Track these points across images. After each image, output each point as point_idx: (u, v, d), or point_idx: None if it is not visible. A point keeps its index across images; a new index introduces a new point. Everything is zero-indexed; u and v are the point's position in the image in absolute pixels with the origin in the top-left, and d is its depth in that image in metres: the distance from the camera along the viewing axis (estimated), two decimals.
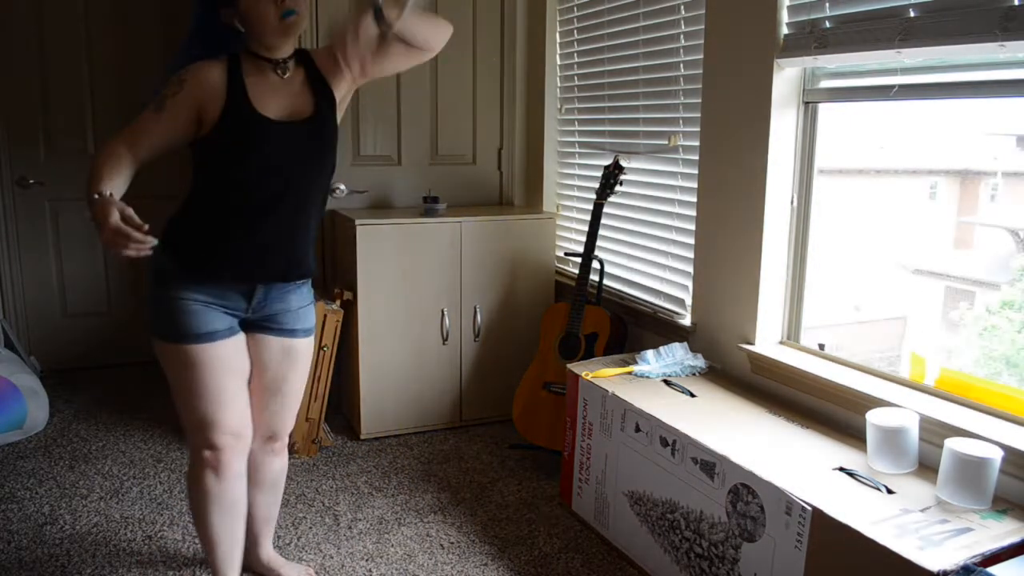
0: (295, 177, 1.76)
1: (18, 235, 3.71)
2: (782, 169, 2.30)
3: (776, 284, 2.37)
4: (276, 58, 1.74)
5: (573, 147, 3.43)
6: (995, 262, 5.72)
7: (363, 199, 3.45)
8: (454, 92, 3.56)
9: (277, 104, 1.73)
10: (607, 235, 3.14)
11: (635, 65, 2.95)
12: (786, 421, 2.12)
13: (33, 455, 2.95)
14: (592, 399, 2.40)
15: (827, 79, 2.23)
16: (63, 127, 3.71)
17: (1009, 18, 1.63)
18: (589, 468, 2.45)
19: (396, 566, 2.26)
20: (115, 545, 2.34)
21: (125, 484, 2.73)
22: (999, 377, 4.64)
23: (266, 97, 1.71)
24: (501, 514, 2.57)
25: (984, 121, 5.60)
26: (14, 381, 3.08)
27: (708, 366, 2.51)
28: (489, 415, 3.33)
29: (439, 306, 3.17)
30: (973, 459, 1.63)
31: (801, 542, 1.67)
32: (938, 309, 5.96)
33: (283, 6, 1.65)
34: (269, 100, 1.72)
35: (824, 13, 2.09)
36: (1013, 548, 1.51)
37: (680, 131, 2.73)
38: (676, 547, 2.07)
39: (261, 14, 1.66)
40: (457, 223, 3.15)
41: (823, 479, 1.78)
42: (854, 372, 2.16)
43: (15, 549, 2.30)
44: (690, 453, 2.00)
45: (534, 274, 3.30)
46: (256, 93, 1.70)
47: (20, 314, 3.77)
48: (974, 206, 6.50)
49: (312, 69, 1.80)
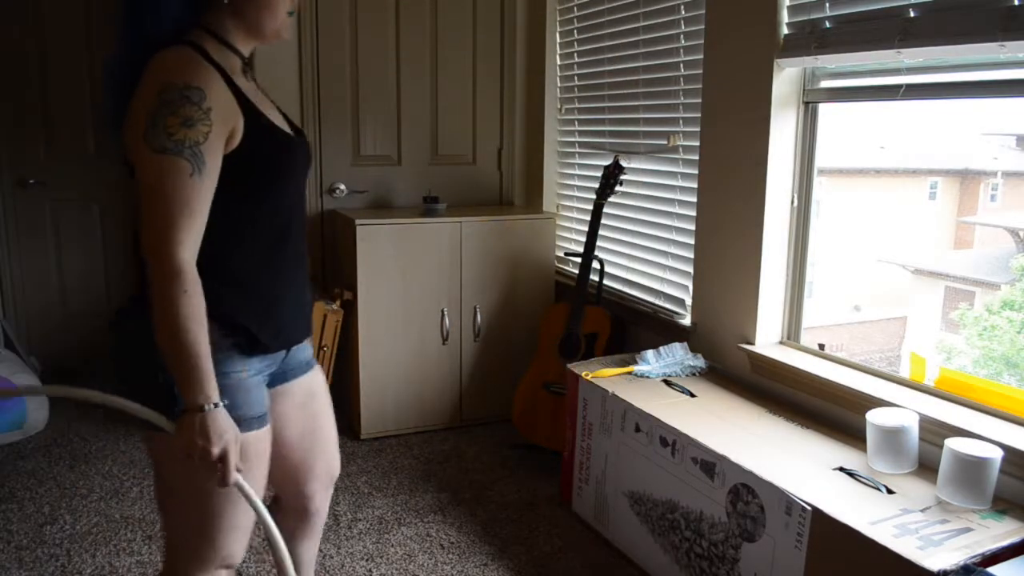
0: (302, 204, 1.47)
1: (18, 235, 3.71)
2: (782, 169, 2.30)
3: (776, 284, 2.37)
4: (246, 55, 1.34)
5: (573, 147, 3.43)
6: (995, 262, 5.72)
7: (363, 199, 3.45)
8: (454, 92, 3.56)
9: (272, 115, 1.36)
10: (607, 235, 3.14)
11: (635, 65, 2.95)
12: (786, 421, 2.12)
13: (33, 455, 2.95)
14: (592, 399, 2.40)
15: (827, 79, 2.23)
16: (63, 127, 3.70)
17: (1009, 18, 1.63)
18: (589, 468, 2.45)
19: (396, 566, 2.26)
20: (115, 545, 2.34)
21: (125, 484, 2.73)
22: (999, 377, 4.64)
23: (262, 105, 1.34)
24: (501, 514, 2.57)
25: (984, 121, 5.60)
26: (14, 381, 3.08)
27: (708, 366, 2.51)
28: (489, 415, 3.33)
29: (439, 306, 3.17)
30: (973, 459, 1.63)
31: (801, 542, 1.67)
32: (938, 309, 5.96)
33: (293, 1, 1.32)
34: (267, 109, 1.35)
35: (824, 13, 2.09)
36: (1013, 548, 1.51)
37: (680, 131, 2.73)
38: (676, 547, 2.07)
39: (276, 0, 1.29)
40: (457, 223, 3.15)
41: (823, 479, 1.78)
42: (854, 372, 2.16)
43: (15, 549, 2.30)
44: (690, 453, 2.00)
45: (534, 274, 3.30)
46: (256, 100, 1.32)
47: (20, 314, 3.77)
48: (974, 206, 6.51)
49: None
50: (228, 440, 1.19)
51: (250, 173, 1.28)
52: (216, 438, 1.17)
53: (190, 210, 1.17)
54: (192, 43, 1.23)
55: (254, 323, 1.32)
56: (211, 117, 1.18)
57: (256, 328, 1.32)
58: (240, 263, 1.32)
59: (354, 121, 3.40)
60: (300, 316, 1.46)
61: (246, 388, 1.32)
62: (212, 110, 1.18)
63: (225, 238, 1.28)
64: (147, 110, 1.16)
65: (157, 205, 1.16)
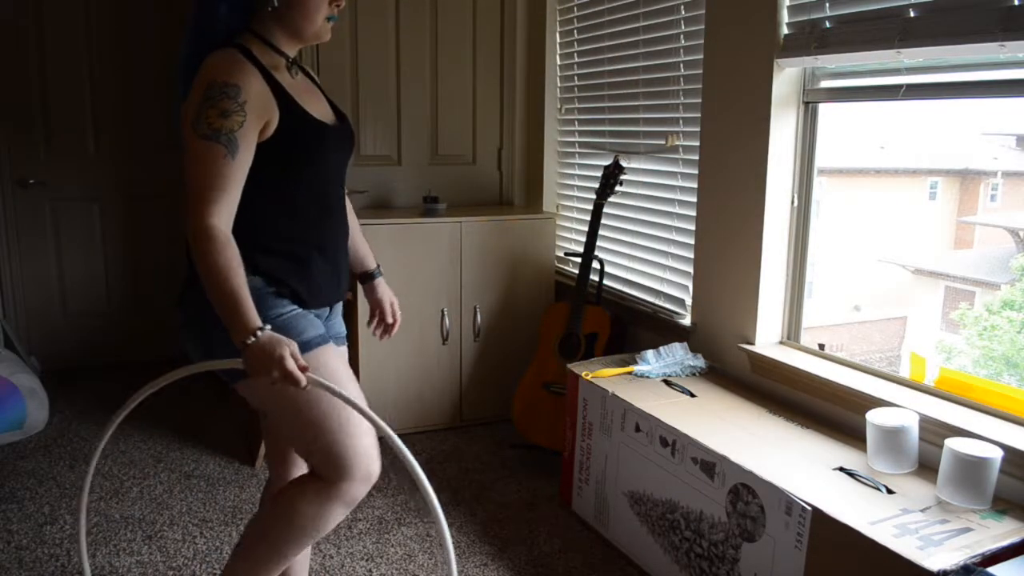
0: (341, 186, 1.65)
1: (18, 235, 3.71)
2: (782, 169, 2.30)
3: (776, 284, 2.37)
4: (291, 56, 1.54)
5: (573, 147, 3.43)
6: (995, 262, 5.72)
7: (363, 199, 3.45)
8: (454, 92, 3.56)
9: (313, 106, 1.54)
10: (607, 235, 3.14)
11: (635, 65, 2.95)
12: (786, 421, 2.12)
13: (33, 455, 2.95)
14: (592, 399, 2.40)
15: (827, 79, 2.23)
16: (63, 127, 3.71)
17: (1009, 18, 1.63)
18: (589, 468, 2.45)
19: (396, 566, 2.26)
20: (115, 545, 2.34)
21: (125, 484, 2.73)
22: (999, 377, 4.64)
23: (301, 98, 1.52)
24: (501, 514, 2.57)
25: (984, 121, 5.60)
26: (14, 381, 3.08)
27: (708, 366, 2.51)
28: (489, 415, 3.33)
29: (439, 306, 3.17)
30: (973, 459, 1.63)
31: (801, 542, 1.67)
32: (938, 309, 5.96)
33: (334, 8, 1.48)
34: (306, 101, 1.52)
35: (824, 13, 2.09)
36: (1013, 548, 1.51)
37: (679, 131, 2.73)
38: (676, 547, 2.07)
39: (316, 4, 1.46)
40: (457, 223, 3.15)
41: (823, 479, 1.78)
42: (854, 372, 2.16)
43: (15, 549, 2.30)
44: (690, 453, 2.00)
45: (534, 274, 3.30)
46: (295, 93, 1.50)
47: (20, 314, 3.77)
48: (974, 206, 6.50)
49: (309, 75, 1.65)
50: (283, 352, 1.31)
51: (287, 155, 1.47)
52: (273, 354, 1.31)
53: (223, 186, 1.36)
54: (240, 45, 1.44)
55: (294, 280, 1.52)
56: (245, 109, 1.38)
57: (296, 284, 1.52)
58: (282, 230, 1.52)
59: (354, 121, 3.40)
60: (337, 280, 1.64)
61: (302, 316, 1.52)
62: (247, 103, 1.38)
63: (268, 209, 1.50)
64: (195, 103, 1.37)
65: (196, 181, 1.36)
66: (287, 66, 1.53)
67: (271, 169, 1.46)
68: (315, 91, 1.62)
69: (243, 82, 1.38)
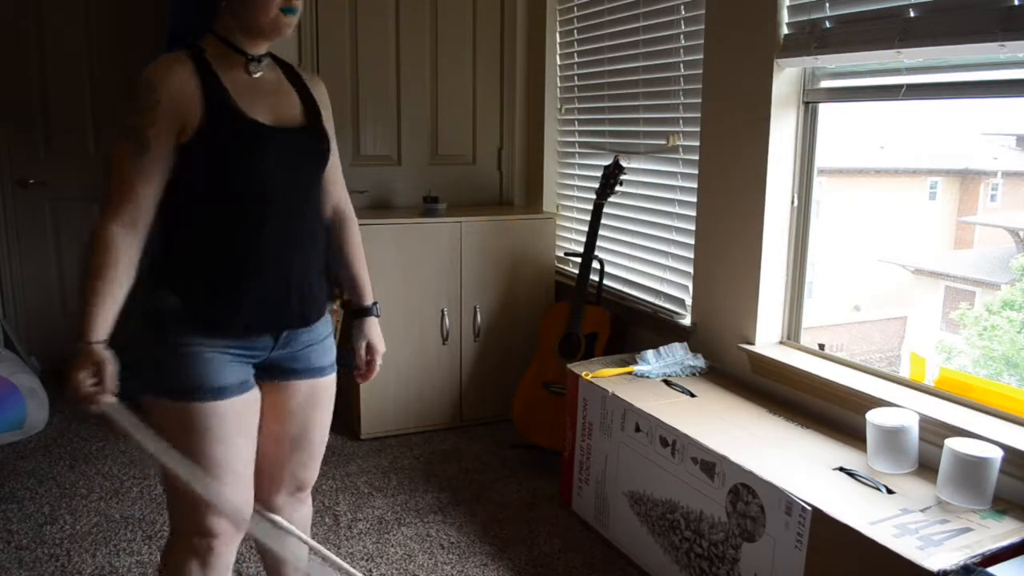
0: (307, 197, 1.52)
1: (18, 235, 3.71)
2: (782, 169, 2.30)
3: (776, 284, 2.37)
4: (250, 53, 1.45)
5: (573, 147, 3.43)
6: (995, 262, 5.72)
7: (363, 199, 3.45)
8: (454, 92, 3.56)
9: (264, 106, 1.44)
10: (607, 235, 3.14)
11: (635, 65, 2.95)
12: (786, 421, 2.12)
13: (33, 455, 2.95)
14: (592, 399, 2.40)
15: (827, 79, 2.23)
16: (63, 127, 3.70)
17: (1009, 18, 1.63)
18: (589, 468, 2.45)
19: (396, 566, 2.26)
20: (115, 545, 2.34)
21: (125, 484, 2.73)
22: (999, 377, 4.64)
23: (250, 97, 1.42)
24: (501, 514, 2.57)
25: (984, 121, 5.60)
26: (14, 381, 3.08)
27: (708, 366, 2.51)
28: (489, 415, 3.33)
29: (439, 306, 3.17)
30: (973, 459, 1.63)
31: (801, 542, 1.67)
32: (938, 309, 5.96)
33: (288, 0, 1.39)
34: (254, 101, 1.43)
35: (824, 13, 2.09)
36: (1013, 548, 1.51)
37: (679, 131, 2.73)
38: (676, 547, 2.07)
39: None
40: (457, 223, 3.15)
41: (823, 479, 1.78)
42: (854, 372, 2.16)
43: (15, 549, 2.30)
44: (690, 453, 2.00)
45: (534, 274, 3.30)
46: (237, 92, 1.41)
47: (20, 314, 3.77)
48: (974, 206, 6.50)
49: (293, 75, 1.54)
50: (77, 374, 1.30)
51: (210, 158, 1.39)
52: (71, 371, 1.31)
53: (130, 185, 1.34)
54: (197, 46, 1.41)
55: (211, 303, 1.41)
56: (157, 109, 1.34)
57: (211, 308, 1.41)
58: (203, 243, 1.43)
59: (354, 121, 3.40)
60: (287, 305, 1.49)
61: (201, 360, 1.40)
62: (160, 102, 1.34)
63: (190, 218, 1.42)
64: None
65: (108, 181, 1.36)
66: (246, 64, 1.44)
67: (193, 175, 1.38)
68: (281, 92, 1.50)
69: (159, 80, 1.34)
